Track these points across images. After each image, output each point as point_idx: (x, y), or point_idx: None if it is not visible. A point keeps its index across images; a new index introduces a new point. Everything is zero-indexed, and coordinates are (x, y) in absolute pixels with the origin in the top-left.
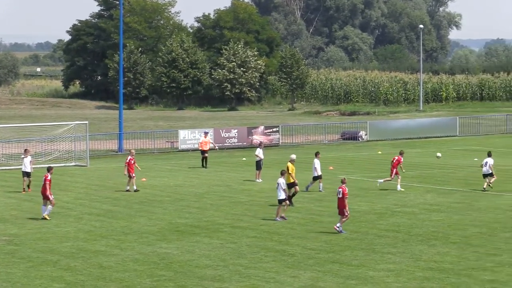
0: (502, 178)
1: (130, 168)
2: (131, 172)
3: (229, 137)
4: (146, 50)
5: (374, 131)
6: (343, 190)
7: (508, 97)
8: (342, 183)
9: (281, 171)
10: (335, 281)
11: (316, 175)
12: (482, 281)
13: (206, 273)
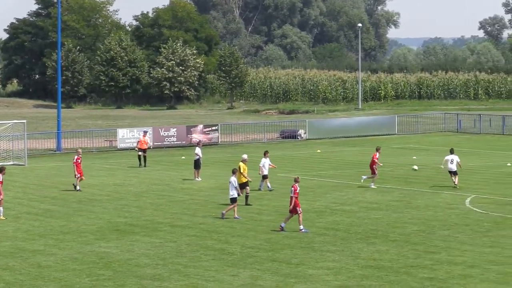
0: (441, 176)
1: (77, 168)
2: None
3: (168, 136)
4: (85, 48)
5: (313, 130)
6: (295, 189)
7: (446, 96)
8: (295, 181)
9: (233, 170)
10: (274, 279)
11: (263, 174)
12: (421, 278)
13: (145, 272)
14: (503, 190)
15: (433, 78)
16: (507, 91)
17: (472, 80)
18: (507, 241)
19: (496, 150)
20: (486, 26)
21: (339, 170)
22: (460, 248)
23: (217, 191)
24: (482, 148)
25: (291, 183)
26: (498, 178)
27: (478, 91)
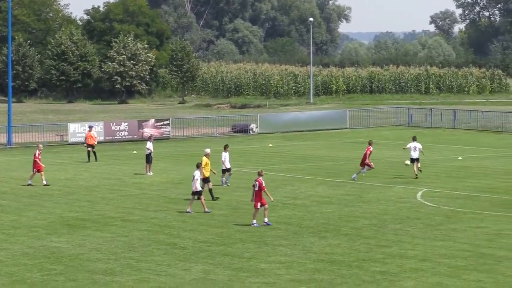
0: (392, 170)
1: (35, 163)
2: (38, 166)
3: (119, 130)
4: (35, 43)
5: (265, 124)
6: (260, 183)
7: (397, 90)
8: (259, 175)
9: (197, 164)
10: (226, 273)
11: (224, 168)
12: (373, 272)
13: (97, 267)
14: (454, 184)
15: (384, 72)
16: (458, 85)
17: (423, 74)
18: (458, 234)
19: (447, 144)
20: (437, 20)
21: (290, 164)
22: (412, 242)
23: (168, 185)
24: (433, 142)
25: (242, 177)
26: (449, 172)
27: (429, 85)
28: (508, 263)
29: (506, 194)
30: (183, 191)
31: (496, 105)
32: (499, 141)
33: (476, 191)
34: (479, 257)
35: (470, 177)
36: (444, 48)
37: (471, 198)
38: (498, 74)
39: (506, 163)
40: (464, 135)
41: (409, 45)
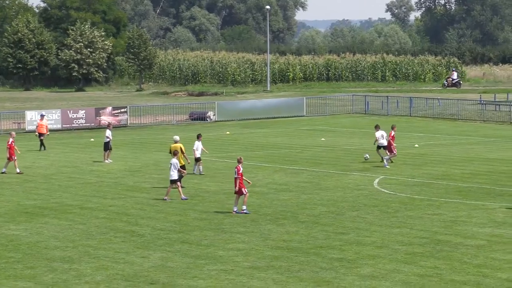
0: (349, 157)
1: (11, 151)
2: (12, 154)
3: (76, 118)
4: None
5: (222, 112)
6: (237, 170)
7: (354, 78)
8: (238, 162)
9: (174, 152)
10: (184, 261)
11: (197, 156)
12: (331, 259)
13: (55, 255)
14: (410, 171)
15: (341, 60)
16: (414, 73)
17: (379, 62)
18: (414, 221)
19: (403, 132)
20: (393, 8)
21: (248, 151)
22: (369, 229)
23: (126, 173)
24: (390, 129)
25: (204, 166)
26: (405, 159)
27: (385, 73)
28: (464, 250)
29: (462, 181)
30: (140, 179)
31: (452, 93)
32: (455, 128)
33: (432, 178)
34: (435, 244)
35: (426, 164)
36: (400, 36)
37: (427, 185)
38: (454, 62)
39: (462, 151)
40: (420, 122)
41: (366, 33)
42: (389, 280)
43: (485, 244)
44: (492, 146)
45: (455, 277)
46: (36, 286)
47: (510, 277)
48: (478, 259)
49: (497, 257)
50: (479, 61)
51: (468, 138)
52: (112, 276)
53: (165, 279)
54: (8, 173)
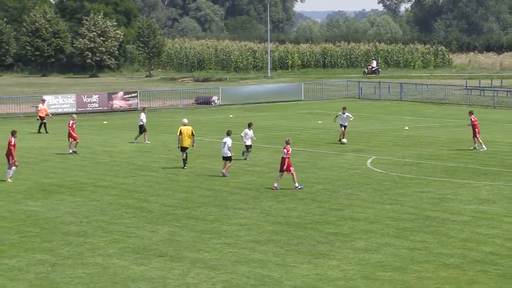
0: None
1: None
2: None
3: (90, 102)
4: (11, 20)
5: (226, 96)
6: (287, 150)
7: (348, 64)
8: (287, 143)
9: (227, 132)
10: (191, 235)
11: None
12: (327, 233)
13: (70, 229)
14: (401, 152)
15: (336, 48)
16: (404, 60)
17: (372, 50)
18: (404, 198)
19: (394, 115)
20: (385, 0)
21: None
22: (362, 206)
23: (137, 153)
24: (382, 113)
25: (205, 146)
26: (396, 140)
27: (378, 61)
28: (451, 225)
29: (449, 161)
30: (150, 158)
31: (440, 79)
32: (442, 112)
33: (421, 159)
34: (424, 220)
35: (416, 145)
36: (391, 26)
37: (416, 165)
38: (441, 50)
39: (449, 133)
40: (410, 106)
41: (359, 23)
42: (381, 253)
43: (470, 220)
44: None
45: (442, 251)
46: (52, 258)
47: (493, 251)
48: (464, 233)
49: (482, 232)
50: (465, 50)
51: (455, 121)
52: (124, 249)
53: (172, 252)
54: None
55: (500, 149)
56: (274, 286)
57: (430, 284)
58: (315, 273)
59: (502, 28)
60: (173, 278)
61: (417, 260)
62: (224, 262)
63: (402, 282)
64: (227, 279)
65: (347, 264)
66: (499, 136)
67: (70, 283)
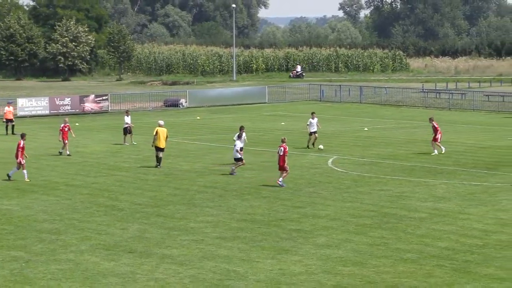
0: (306, 139)
1: (64, 135)
2: (64, 138)
3: (63, 105)
4: None
5: (193, 99)
6: (284, 148)
7: (310, 69)
8: (283, 142)
9: (239, 133)
10: (159, 232)
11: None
12: (290, 230)
13: (44, 227)
14: (360, 152)
15: (299, 53)
16: (363, 64)
17: (333, 55)
18: (364, 196)
19: (354, 117)
20: (345, 6)
21: (216, 134)
22: (324, 203)
23: (107, 154)
24: (342, 115)
25: (173, 147)
26: (356, 141)
27: (338, 65)
28: (408, 222)
29: (406, 161)
30: (120, 159)
31: (397, 82)
32: (400, 113)
33: (380, 158)
34: (382, 217)
35: (375, 145)
36: (351, 31)
37: (375, 164)
38: (399, 54)
39: (406, 134)
40: (369, 108)
41: (321, 29)
42: (342, 248)
43: (427, 217)
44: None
45: (400, 246)
46: (26, 255)
47: (448, 246)
48: (421, 230)
49: (437, 228)
50: (422, 54)
51: (412, 122)
52: (95, 246)
53: (142, 249)
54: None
55: (455, 149)
56: (239, 281)
57: (388, 278)
58: (278, 268)
59: (457, 34)
60: (142, 274)
61: (376, 255)
62: (191, 258)
63: (361, 277)
64: (194, 274)
65: (309, 259)
66: (454, 136)
67: (43, 278)
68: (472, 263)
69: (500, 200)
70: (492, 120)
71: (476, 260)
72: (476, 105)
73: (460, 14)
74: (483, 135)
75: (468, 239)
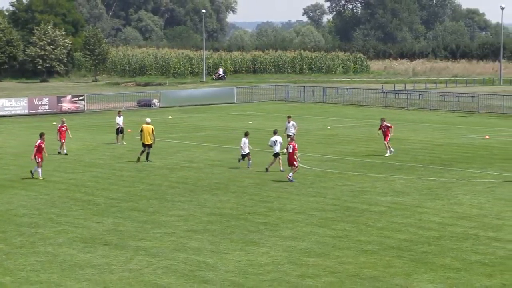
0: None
1: (61, 135)
2: (62, 138)
3: (41, 105)
4: None
5: (165, 99)
6: (293, 146)
7: (276, 70)
8: (292, 140)
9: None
10: (133, 225)
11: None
12: (257, 223)
13: (23, 221)
14: (324, 149)
15: (265, 55)
16: (326, 66)
17: (297, 57)
18: (327, 191)
19: (318, 116)
20: (309, 12)
21: (187, 133)
22: (289, 198)
23: (84, 151)
24: (306, 114)
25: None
26: (319, 139)
27: (302, 67)
28: (369, 215)
29: (367, 157)
30: (96, 156)
31: (358, 83)
32: (361, 113)
33: (342, 155)
34: (345, 210)
35: (337, 143)
36: (315, 35)
37: (338, 161)
38: (360, 57)
39: (366, 132)
40: (332, 108)
41: (286, 32)
42: (306, 240)
43: (387, 210)
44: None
45: (361, 238)
46: (6, 247)
47: (407, 238)
48: (381, 222)
49: (397, 221)
50: (381, 57)
51: (372, 121)
52: (72, 239)
53: (117, 241)
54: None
55: (412, 146)
56: (210, 271)
57: (350, 268)
58: (246, 259)
59: (415, 37)
60: (117, 265)
61: (339, 247)
62: (164, 250)
63: (325, 267)
64: (167, 265)
65: (275, 250)
66: (412, 134)
67: (23, 270)
68: (430, 254)
69: (455, 194)
70: (448, 119)
71: (433, 251)
72: (432, 105)
73: (418, 19)
74: (439, 133)
75: (426, 231)
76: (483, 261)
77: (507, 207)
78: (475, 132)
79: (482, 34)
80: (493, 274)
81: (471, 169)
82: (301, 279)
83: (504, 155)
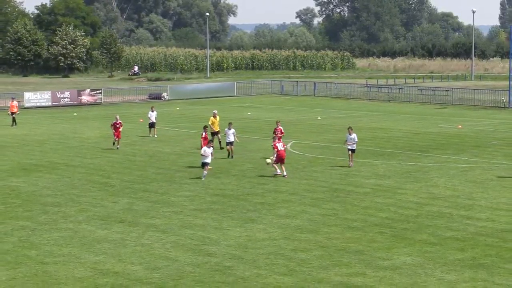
0: (269, 127)
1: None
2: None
3: (63, 97)
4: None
5: (174, 93)
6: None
7: (272, 67)
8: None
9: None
10: (145, 205)
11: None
12: (255, 203)
13: (47, 200)
14: (314, 137)
15: (262, 54)
16: (317, 64)
17: (291, 55)
18: (318, 174)
19: (309, 108)
20: (301, 15)
21: (193, 123)
22: (284, 180)
23: (101, 139)
24: (299, 106)
25: (159, 133)
26: (311, 128)
27: (296, 64)
28: (355, 196)
29: None
30: (112, 143)
31: (345, 79)
32: (348, 105)
33: (331, 143)
34: (333, 191)
35: (327, 132)
36: (307, 36)
37: (327, 148)
38: (347, 55)
39: (353, 122)
40: (322, 101)
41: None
42: (299, 218)
43: (370, 191)
44: (375, 118)
45: (348, 216)
46: (32, 224)
47: (388, 216)
48: (365, 202)
49: (379, 201)
50: (366, 55)
51: (358, 112)
52: (91, 217)
53: (130, 219)
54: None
55: (393, 135)
56: (213, 246)
57: (338, 243)
58: (245, 235)
59: (395, 38)
60: (131, 240)
61: (328, 224)
62: (172, 226)
63: (315, 242)
64: (175, 240)
65: (272, 227)
66: (392, 124)
67: (47, 244)
68: (408, 230)
69: (431, 177)
70: (425, 111)
71: (411, 228)
72: (411, 98)
73: (398, 21)
74: (417, 123)
75: (405, 210)
76: (456, 237)
77: (478, 188)
78: (449, 122)
79: (456, 34)
80: (464, 249)
81: (446, 155)
82: (294, 253)
83: (475, 142)
